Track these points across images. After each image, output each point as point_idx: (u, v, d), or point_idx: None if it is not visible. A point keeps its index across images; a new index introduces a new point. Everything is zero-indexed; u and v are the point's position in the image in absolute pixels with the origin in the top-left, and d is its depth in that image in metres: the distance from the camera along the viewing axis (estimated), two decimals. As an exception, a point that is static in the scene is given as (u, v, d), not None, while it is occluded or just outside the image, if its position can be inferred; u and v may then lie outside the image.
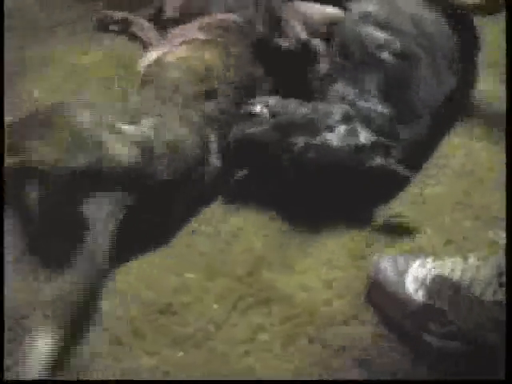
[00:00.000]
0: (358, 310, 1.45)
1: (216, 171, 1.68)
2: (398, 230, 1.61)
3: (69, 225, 1.45)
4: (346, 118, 1.66)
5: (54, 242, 1.43)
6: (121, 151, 1.51)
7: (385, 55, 1.75)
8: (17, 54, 2.07)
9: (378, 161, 1.63)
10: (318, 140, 1.63)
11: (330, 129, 1.64)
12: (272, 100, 1.70)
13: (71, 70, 2.04)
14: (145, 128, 1.56)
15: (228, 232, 1.61)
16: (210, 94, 1.72)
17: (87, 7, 2.29)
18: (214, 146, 1.67)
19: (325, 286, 1.50)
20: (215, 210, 1.66)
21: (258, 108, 1.68)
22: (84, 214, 1.45)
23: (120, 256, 1.50)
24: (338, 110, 1.67)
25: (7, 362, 1.31)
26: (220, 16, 1.93)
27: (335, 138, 1.63)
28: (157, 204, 1.55)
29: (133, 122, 1.57)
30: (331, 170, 1.62)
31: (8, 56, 1.94)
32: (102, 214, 1.47)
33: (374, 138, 1.64)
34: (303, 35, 1.83)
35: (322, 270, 1.53)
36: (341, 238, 1.60)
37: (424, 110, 1.75)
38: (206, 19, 1.92)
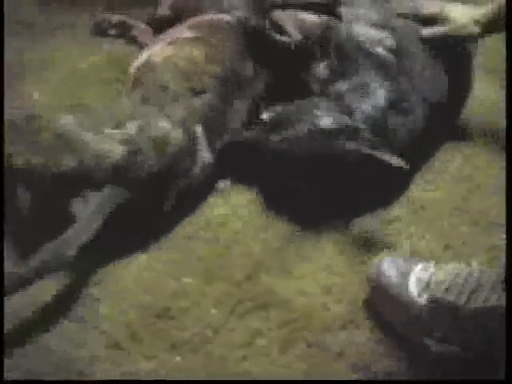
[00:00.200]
0: (356, 314, 1.45)
1: (208, 168, 1.67)
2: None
3: (55, 222, 1.46)
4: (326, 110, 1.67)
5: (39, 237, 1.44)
6: (107, 149, 1.53)
7: (379, 50, 1.75)
8: (16, 56, 2.07)
9: (352, 146, 1.62)
10: (289, 133, 1.64)
11: (305, 121, 1.65)
12: (279, 108, 1.71)
13: (71, 73, 2.04)
14: (130, 131, 1.58)
15: (226, 236, 1.61)
16: (195, 90, 1.71)
17: (86, 10, 2.29)
18: (202, 141, 1.67)
19: (323, 291, 1.50)
20: (214, 214, 1.67)
21: (265, 116, 1.69)
22: (71, 211, 1.48)
23: (108, 253, 1.52)
24: (320, 105, 1.67)
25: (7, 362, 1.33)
26: (212, 16, 1.91)
27: (304, 127, 1.64)
28: (146, 199, 1.56)
29: (117, 127, 1.58)
30: (310, 160, 1.63)
31: (8, 58, 1.95)
32: (88, 209, 1.48)
33: (339, 121, 1.64)
34: (298, 36, 1.82)
35: (321, 274, 1.53)
36: (339, 242, 1.60)
37: (420, 103, 1.75)
38: (197, 18, 1.90)
